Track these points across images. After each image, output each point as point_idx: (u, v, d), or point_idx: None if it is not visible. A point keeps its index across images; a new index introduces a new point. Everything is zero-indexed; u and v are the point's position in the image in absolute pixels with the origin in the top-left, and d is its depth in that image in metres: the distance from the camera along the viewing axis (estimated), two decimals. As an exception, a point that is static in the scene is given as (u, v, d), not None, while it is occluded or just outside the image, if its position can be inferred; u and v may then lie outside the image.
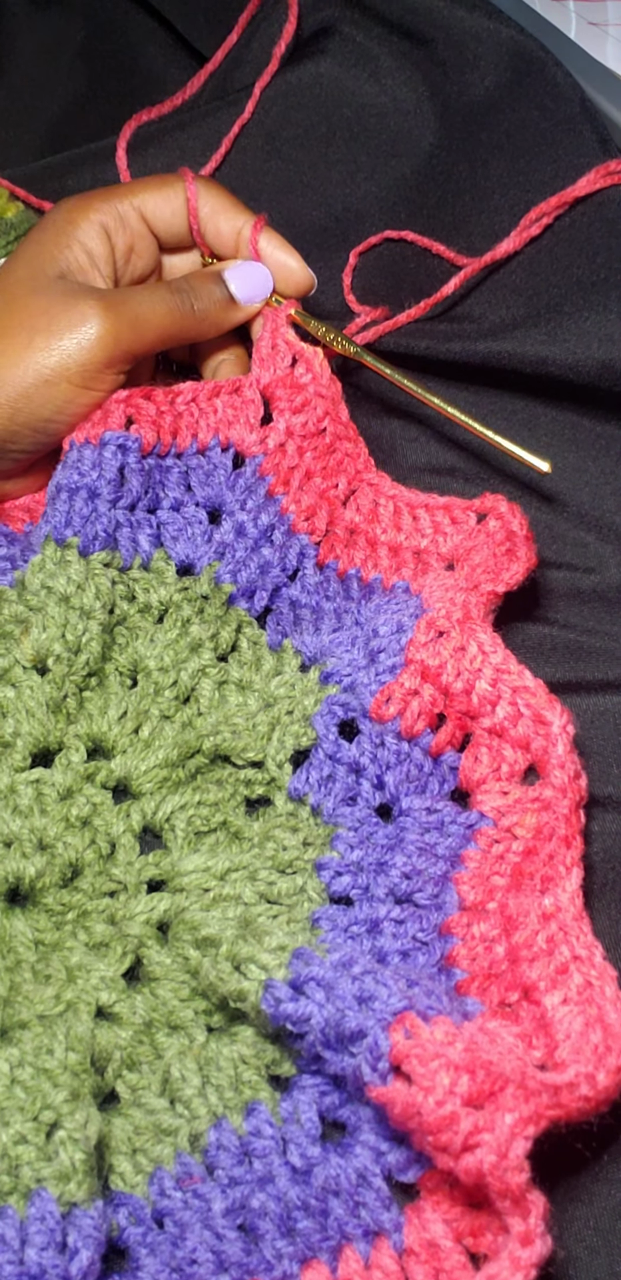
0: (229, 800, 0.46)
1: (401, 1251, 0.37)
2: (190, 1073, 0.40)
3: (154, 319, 0.48)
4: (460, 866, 0.43)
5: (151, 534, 0.49)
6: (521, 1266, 0.33)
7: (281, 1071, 0.40)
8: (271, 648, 0.48)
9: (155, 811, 0.45)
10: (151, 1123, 0.40)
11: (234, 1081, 0.40)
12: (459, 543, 0.49)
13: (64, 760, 0.45)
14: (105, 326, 0.46)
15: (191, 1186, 0.39)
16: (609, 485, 0.54)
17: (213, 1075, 0.40)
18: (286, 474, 0.50)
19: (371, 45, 0.60)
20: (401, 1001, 0.37)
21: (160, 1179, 0.39)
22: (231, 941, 0.40)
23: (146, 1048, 0.41)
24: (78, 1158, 0.37)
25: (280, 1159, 0.38)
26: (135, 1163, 0.40)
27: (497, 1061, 0.35)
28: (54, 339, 0.46)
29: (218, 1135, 0.39)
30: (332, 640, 0.47)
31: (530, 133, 0.57)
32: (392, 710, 0.45)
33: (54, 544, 0.47)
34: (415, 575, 0.49)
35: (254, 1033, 0.41)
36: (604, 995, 0.37)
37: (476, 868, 0.42)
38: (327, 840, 0.44)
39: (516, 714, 0.43)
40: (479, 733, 0.44)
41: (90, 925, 0.43)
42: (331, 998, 0.37)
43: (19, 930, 0.43)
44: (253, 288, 0.51)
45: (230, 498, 0.50)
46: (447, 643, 0.44)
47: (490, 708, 0.43)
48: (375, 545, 0.51)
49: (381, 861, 0.43)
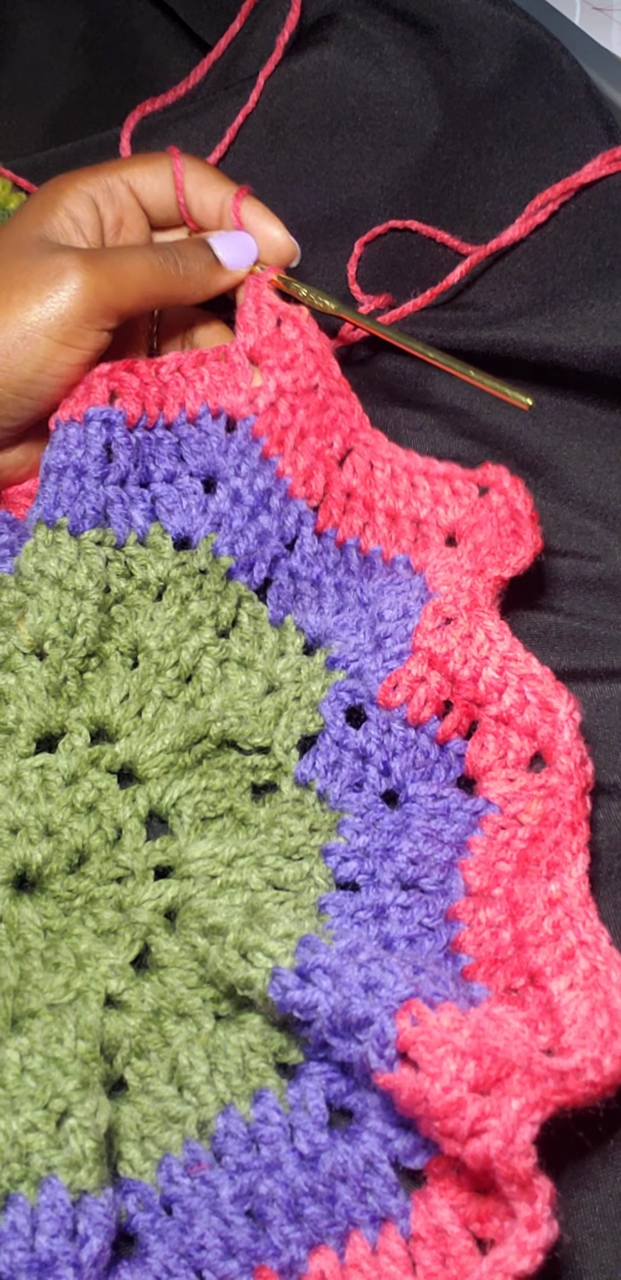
0: (235, 786, 0.46)
1: (408, 1237, 0.37)
2: (198, 1060, 0.41)
3: (135, 274, 0.47)
4: (466, 853, 0.43)
5: (145, 508, 0.48)
6: (528, 1251, 0.33)
7: (289, 1059, 0.41)
8: (273, 624, 0.48)
9: (161, 797, 0.45)
10: (160, 1110, 0.40)
11: (241, 1069, 0.40)
12: (461, 517, 0.48)
13: (68, 745, 0.45)
14: (84, 278, 0.46)
15: (199, 1173, 0.39)
16: (614, 473, 0.54)
17: (220, 1063, 0.41)
18: (280, 434, 0.49)
19: (375, 33, 0.60)
20: (408, 988, 0.37)
21: (168, 1166, 0.39)
22: (238, 929, 0.40)
23: (155, 1035, 0.42)
24: (88, 1145, 0.37)
25: (287, 1145, 0.39)
26: (143, 1150, 0.40)
27: (504, 1047, 0.35)
28: (32, 294, 0.46)
29: (225, 1122, 0.39)
30: (337, 622, 0.47)
31: (535, 120, 0.57)
32: (400, 697, 0.45)
33: (45, 526, 0.47)
34: (415, 548, 0.49)
35: (261, 1020, 0.41)
36: (610, 980, 0.37)
37: (482, 854, 0.42)
38: (334, 826, 0.44)
39: (523, 701, 0.43)
40: (485, 720, 0.44)
41: (98, 912, 0.43)
42: (338, 985, 0.37)
43: (27, 917, 0.43)
44: (238, 253, 0.51)
45: (224, 463, 0.49)
46: (455, 630, 0.44)
47: (497, 695, 0.43)
48: (372, 510, 0.50)
49: (387, 847, 0.43)
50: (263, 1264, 0.37)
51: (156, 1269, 0.37)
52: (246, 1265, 0.37)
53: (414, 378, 0.56)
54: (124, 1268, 0.37)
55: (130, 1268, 0.37)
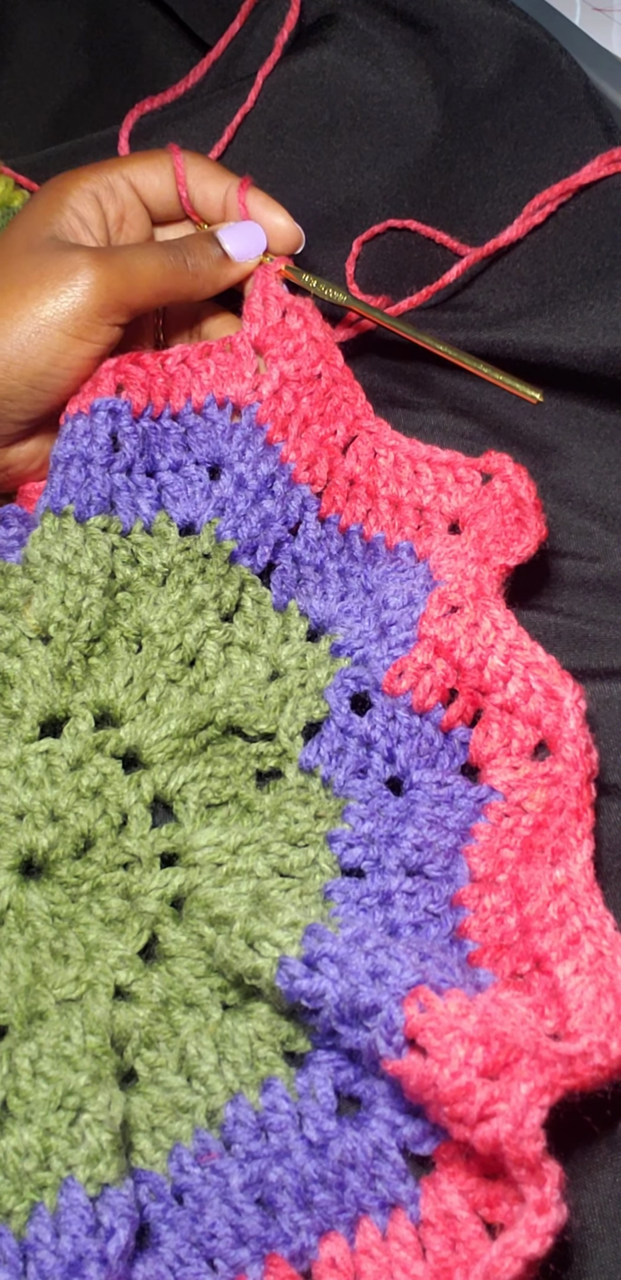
0: (240, 773, 0.46)
1: (418, 1222, 0.37)
2: (206, 1050, 0.41)
3: (146, 271, 0.48)
4: (470, 839, 0.43)
5: (152, 496, 0.49)
6: (537, 1234, 0.33)
7: (297, 1048, 0.41)
8: (276, 608, 0.48)
9: (167, 782, 0.45)
10: (169, 1100, 0.40)
11: (250, 1058, 0.41)
12: (464, 505, 0.48)
13: (72, 729, 0.45)
14: (96, 274, 0.47)
15: (209, 1162, 0.39)
16: (614, 474, 0.54)
17: (229, 1052, 0.41)
18: (284, 421, 0.50)
19: (374, 33, 0.60)
20: (415, 975, 0.37)
21: (179, 1155, 0.39)
22: (244, 919, 0.40)
23: (164, 1026, 0.42)
24: (105, 1138, 0.37)
25: (296, 1133, 0.39)
26: (154, 1140, 0.40)
27: (512, 1032, 0.35)
28: (46, 289, 0.47)
29: (234, 1111, 0.40)
30: (341, 608, 0.47)
31: (534, 121, 0.57)
32: (405, 684, 0.45)
33: (52, 514, 0.47)
34: (418, 535, 0.49)
35: (269, 1009, 0.41)
36: (615, 965, 0.37)
37: (486, 840, 0.42)
38: (338, 813, 0.44)
39: (528, 690, 0.43)
40: (490, 709, 0.44)
41: (105, 899, 0.43)
42: (345, 973, 0.38)
43: (35, 903, 0.43)
44: (246, 244, 0.52)
45: (228, 450, 0.49)
46: (461, 618, 0.44)
47: (502, 683, 0.44)
48: (375, 497, 0.50)
49: (392, 834, 0.43)
50: (273, 1251, 0.37)
51: (169, 1258, 0.38)
52: (257, 1253, 0.37)
53: (414, 373, 0.57)
54: (137, 1258, 0.37)
55: (143, 1258, 0.37)
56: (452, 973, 0.38)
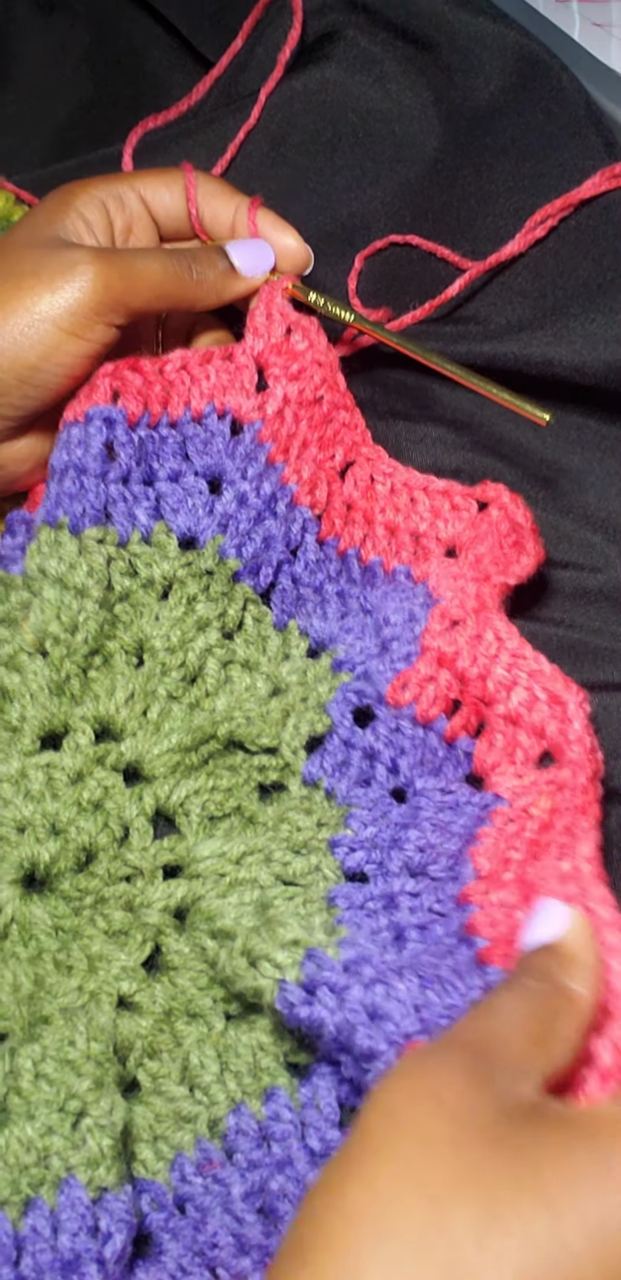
0: (242, 785, 0.46)
1: None
2: (209, 1059, 0.41)
3: (147, 272, 0.48)
4: (475, 842, 0.42)
5: (149, 506, 0.48)
6: None
7: (300, 1059, 0.41)
8: (277, 627, 0.48)
9: (168, 796, 0.45)
10: (172, 1110, 0.40)
11: (252, 1068, 0.40)
12: (460, 531, 0.49)
13: (72, 743, 0.45)
14: (96, 271, 0.46)
15: (211, 1172, 0.39)
16: (614, 486, 0.54)
17: (231, 1062, 0.41)
18: (286, 441, 0.50)
19: (376, 50, 0.61)
20: (413, 1024, 0.36)
21: (181, 1165, 0.39)
22: (246, 935, 0.40)
23: (167, 1036, 0.42)
24: (105, 1143, 0.37)
25: (299, 1142, 0.39)
26: (156, 1149, 0.40)
27: None
28: (43, 283, 0.46)
29: (237, 1120, 0.39)
30: (341, 627, 0.47)
31: (535, 137, 0.57)
32: (408, 696, 0.45)
33: (47, 527, 0.47)
34: (415, 560, 0.49)
35: (270, 1023, 0.41)
36: None
37: (492, 843, 0.42)
38: (342, 819, 0.44)
39: (532, 699, 0.43)
40: (494, 719, 0.44)
41: (108, 912, 0.43)
42: (343, 1006, 0.37)
43: (38, 917, 0.43)
44: (254, 260, 0.51)
45: (230, 466, 0.49)
46: (463, 631, 0.44)
47: (505, 693, 0.44)
48: (372, 523, 0.50)
49: (395, 838, 0.43)
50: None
51: (171, 1268, 0.37)
52: (259, 1262, 0.37)
53: (415, 390, 0.57)
54: (139, 1267, 0.37)
55: (145, 1267, 0.37)
56: (458, 986, 0.38)
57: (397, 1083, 0.30)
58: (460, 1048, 0.31)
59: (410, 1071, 0.31)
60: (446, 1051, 0.31)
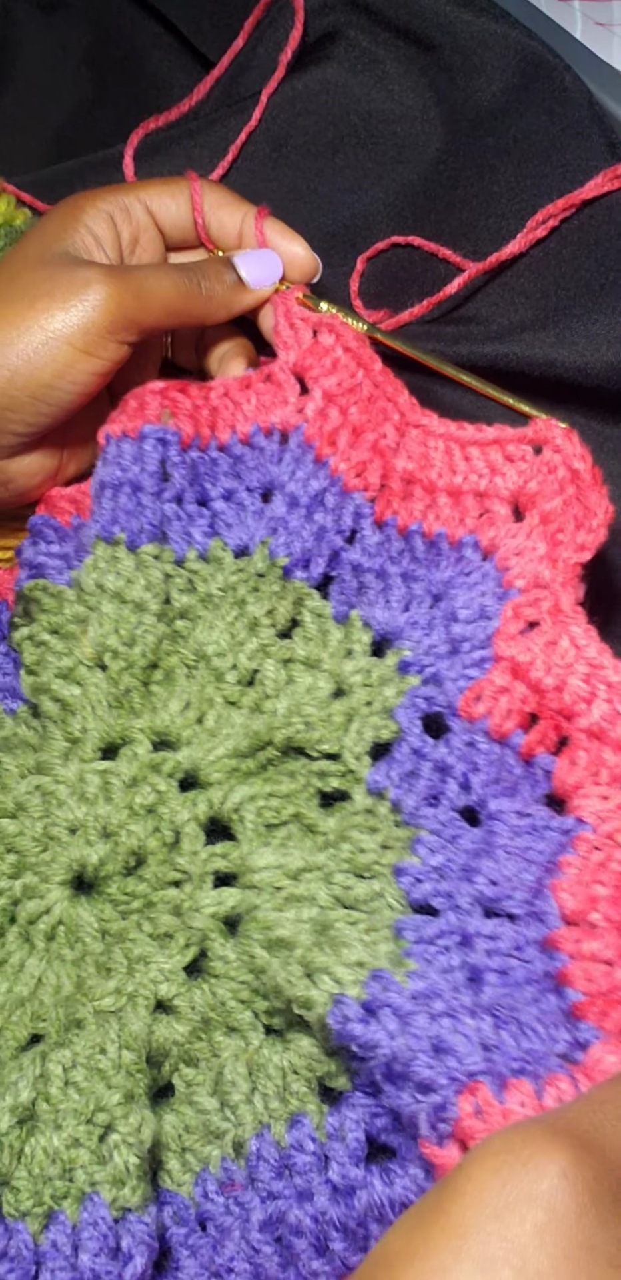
0: (301, 792, 0.44)
1: None
2: (240, 1077, 0.39)
3: (159, 291, 0.48)
4: (557, 873, 0.40)
5: (205, 524, 0.48)
6: None
7: (337, 1085, 0.39)
8: (337, 620, 0.47)
9: (223, 801, 0.44)
10: (201, 1122, 0.40)
11: (281, 1091, 0.39)
12: (521, 485, 0.46)
13: (129, 753, 0.45)
14: (108, 289, 0.47)
15: (232, 1193, 0.38)
16: (617, 487, 0.54)
17: (261, 1082, 0.39)
18: (331, 435, 0.49)
19: (377, 50, 0.60)
20: (479, 1064, 0.34)
21: (204, 1181, 0.39)
22: (307, 947, 0.38)
23: (204, 1045, 0.41)
24: (132, 1162, 0.36)
25: (320, 1176, 0.37)
26: (184, 1161, 0.39)
27: None
28: (56, 301, 0.47)
29: (259, 1145, 0.38)
30: (407, 619, 0.45)
31: (538, 137, 0.57)
32: (482, 708, 0.43)
33: (103, 543, 0.47)
34: (481, 525, 0.47)
35: (310, 1042, 0.39)
36: None
37: (576, 875, 0.39)
38: (407, 844, 0.42)
39: (614, 713, 0.40)
40: (575, 734, 0.41)
41: (155, 916, 0.42)
42: (405, 1032, 0.35)
43: (85, 919, 0.42)
44: (262, 271, 0.51)
45: (279, 472, 0.49)
46: (538, 636, 0.42)
47: (585, 706, 0.41)
48: (434, 492, 0.48)
49: (466, 866, 0.41)
50: None
51: None
52: None
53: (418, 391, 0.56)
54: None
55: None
56: (539, 1032, 0.35)
57: (514, 1152, 0.28)
58: (595, 1154, 0.28)
59: (532, 1152, 0.28)
60: (579, 1152, 0.28)
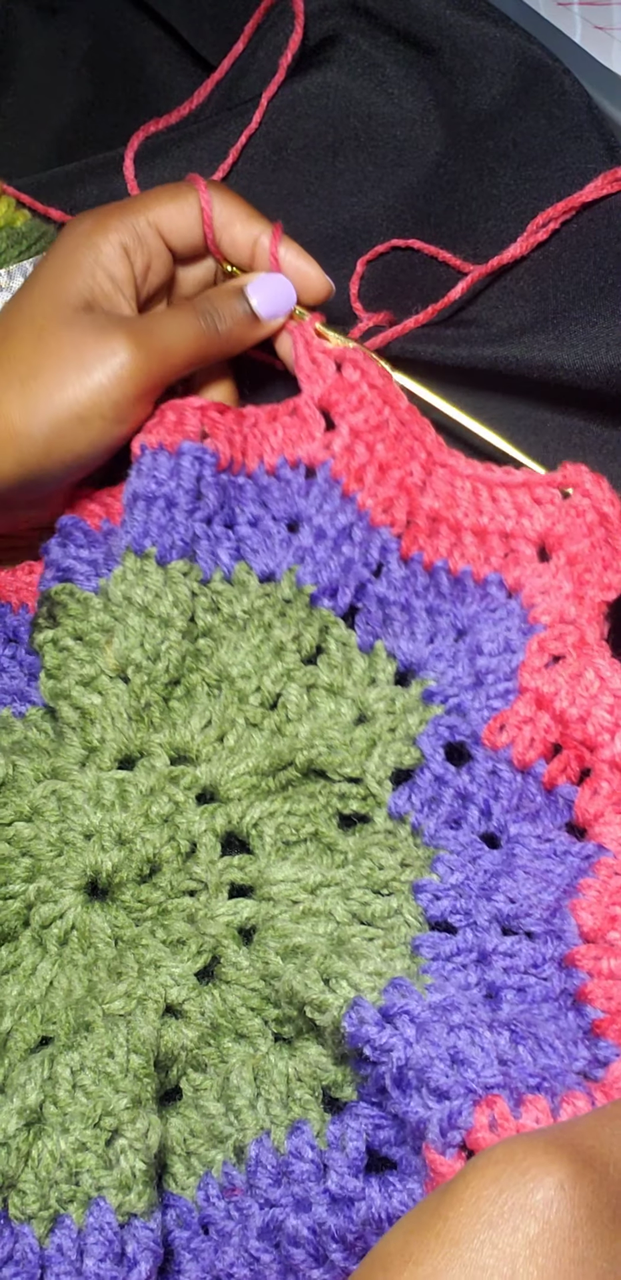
0: (321, 812, 0.44)
1: None
2: (245, 1083, 0.39)
3: (182, 348, 0.49)
4: (576, 895, 0.40)
5: (231, 547, 0.49)
6: None
7: (341, 1095, 0.39)
8: (362, 649, 0.47)
9: (242, 816, 0.44)
10: (207, 1126, 0.40)
11: (284, 1097, 0.39)
12: (548, 526, 0.47)
13: (147, 764, 0.45)
14: (136, 362, 0.47)
15: (233, 1198, 0.38)
16: (616, 491, 0.54)
17: (265, 1088, 0.39)
18: (358, 471, 0.49)
19: (377, 54, 0.61)
20: (496, 1077, 0.34)
21: (207, 1185, 0.39)
22: (324, 954, 0.38)
23: (213, 1050, 0.41)
24: (138, 1167, 0.36)
25: (318, 1185, 0.37)
26: (189, 1165, 0.39)
27: None
28: (86, 375, 0.47)
29: (258, 1150, 0.38)
30: (431, 651, 0.46)
31: (537, 141, 0.57)
32: (505, 738, 0.43)
33: (133, 555, 0.47)
34: (506, 564, 0.47)
35: (318, 1051, 0.40)
36: None
37: (595, 896, 0.40)
38: (428, 863, 0.42)
39: None
40: (598, 765, 0.42)
41: (169, 923, 0.43)
42: (422, 1040, 0.35)
43: (99, 925, 0.42)
44: (275, 303, 0.52)
45: (305, 505, 0.49)
46: (563, 669, 0.42)
47: (608, 737, 0.42)
48: (460, 531, 0.49)
49: (485, 885, 0.41)
50: None
51: None
52: None
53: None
54: None
55: None
56: (557, 1049, 0.35)
57: (514, 1162, 0.29)
58: (596, 1170, 0.28)
59: (532, 1164, 0.28)
60: (579, 1166, 0.28)
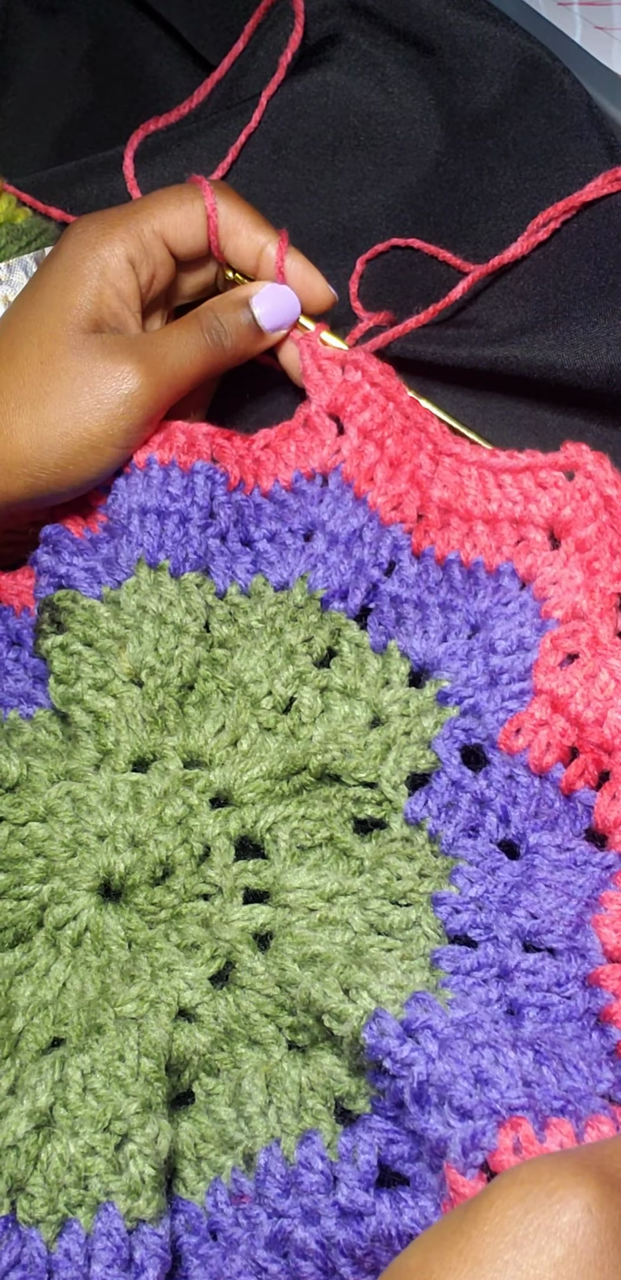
0: (336, 816, 0.44)
1: None
2: (257, 1089, 0.39)
3: (190, 368, 0.50)
4: (599, 909, 0.39)
5: (249, 563, 0.50)
6: None
7: (354, 1108, 0.39)
8: (375, 650, 0.47)
9: (256, 820, 0.44)
10: (217, 1131, 0.39)
11: (296, 1106, 0.39)
12: (555, 512, 0.46)
13: (161, 768, 0.45)
14: (146, 390, 0.48)
15: (242, 1205, 0.38)
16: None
17: (277, 1096, 0.39)
18: (369, 471, 0.50)
19: (377, 53, 0.61)
20: (521, 1099, 0.33)
21: (216, 1190, 0.38)
22: (344, 964, 0.38)
23: (226, 1055, 0.41)
24: (147, 1173, 0.36)
25: (327, 1197, 0.36)
26: (199, 1170, 0.39)
27: None
28: (97, 404, 0.48)
29: (267, 1159, 0.38)
30: (445, 650, 0.45)
31: (537, 140, 0.57)
32: (522, 742, 0.43)
33: (147, 566, 0.48)
34: (517, 552, 0.47)
35: (332, 1061, 0.39)
36: None
37: (619, 911, 0.39)
38: (446, 873, 0.42)
39: None
40: (617, 769, 0.42)
41: (183, 927, 0.42)
42: (445, 1056, 0.35)
43: (112, 928, 0.42)
44: (280, 315, 0.52)
45: (319, 512, 0.50)
46: (578, 669, 0.42)
47: None
48: (470, 520, 0.49)
49: (505, 899, 0.41)
50: None
51: None
52: None
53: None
54: None
55: None
56: (582, 1070, 0.35)
57: (540, 1183, 0.29)
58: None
59: (558, 1185, 0.28)
60: (607, 1189, 0.29)
